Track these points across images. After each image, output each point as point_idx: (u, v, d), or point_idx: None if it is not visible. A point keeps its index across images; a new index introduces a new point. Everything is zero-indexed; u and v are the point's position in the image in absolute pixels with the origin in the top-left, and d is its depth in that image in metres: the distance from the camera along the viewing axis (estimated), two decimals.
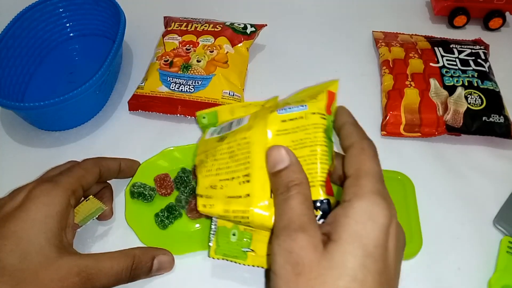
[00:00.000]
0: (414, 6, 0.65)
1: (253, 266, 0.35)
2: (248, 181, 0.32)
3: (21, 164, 0.50)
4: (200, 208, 0.34)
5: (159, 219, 0.42)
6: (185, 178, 0.44)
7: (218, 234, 0.36)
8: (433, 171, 0.47)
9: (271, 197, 0.31)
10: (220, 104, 0.50)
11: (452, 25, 0.61)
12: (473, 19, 0.60)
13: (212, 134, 0.38)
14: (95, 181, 0.39)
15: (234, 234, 0.35)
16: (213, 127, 0.39)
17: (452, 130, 0.47)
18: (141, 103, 0.52)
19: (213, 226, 0.36)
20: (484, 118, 0.47)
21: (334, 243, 0.24)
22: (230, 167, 0.33)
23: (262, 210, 0.31)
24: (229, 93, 0.51)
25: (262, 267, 0.34)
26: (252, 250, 0.34)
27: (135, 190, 0.43)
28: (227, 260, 0.36)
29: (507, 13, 0.60)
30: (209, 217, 0.40)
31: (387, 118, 0.49)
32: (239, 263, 0.35)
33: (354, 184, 0.26)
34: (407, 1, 0.66)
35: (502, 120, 0.47)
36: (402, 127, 0.48)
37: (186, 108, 0.51)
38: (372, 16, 0.64)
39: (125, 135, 0.51)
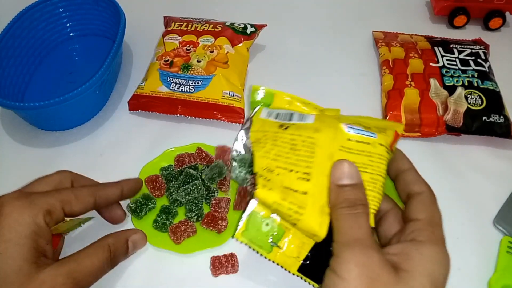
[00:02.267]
0: (414, 6, 0.65)
1: (273, 262, 0.34)
2: (307, 180, 0.31)
3: (21, 164, 0.50)
4: (260, 188, 0.32)
5: (160, 223, 0.42)
6: (171, 171, 0.45)
7: (250, 217, 0.34)
8: (433, 171, 0.47)
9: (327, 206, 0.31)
10: (221, 104, 0.50)
11: (452, 25, 0.61)
12: (473, 19, 0.60)
13: (268, 115, 0.37)
14: (86, 211, 0.37)
15: (267, 224, 0.34)
16: (267, 108, 0.38)
17: (452, 130, 0.47)
18: (141, 103, 0.52)
19: (248, 208, 0.34)
20: (484, 118, 0.47)
21: (408, 273, 0.27)
22: (290, 158, 0.33)
23: (315, 215, 0.31)
24: (229, 93, 0.51)
25: (282, 266, 0.34)
26: (279, 246, 0.34)
27: (132, 207, 0.43)
28: (249, 247, 0.35)
29: (507, 13, 0.60)
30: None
31: (387, 118, 0.49)
32: (261, 254, 0.35)
33: (427, 229, 0.30)
34: (407, 1, 0.66)
35: (502, 120, 0.47)
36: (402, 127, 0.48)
37: (186, 108, 0.51)
38: (372, 16, 0.64)
39: (125, 135, 0.51)
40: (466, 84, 0.49)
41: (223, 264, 0.40)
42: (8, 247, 0.30)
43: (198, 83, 0.51)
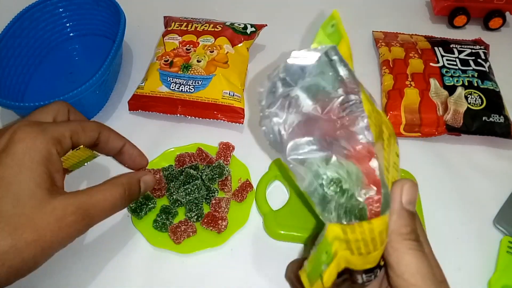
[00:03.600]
0: (414, 6, 0.65)
1: None
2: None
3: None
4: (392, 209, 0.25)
5: (160, 223, 0.42)
6: (172, 171, 0.45)
7: (314, 258, 0.26)
8: (433, 171, 0.47)
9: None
10: (221, 104, 0.50)
11: (452, 25, 0.61)
12: (473, 19, 0.60)
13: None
14: (89, 145, 0.37)
15: (326, 252, 0.25)
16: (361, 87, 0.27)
17: (452, 130, 0.47)
18: (141, 103, 0.52)
19: (319, 237, 0.26)
20: (484, 118, 0.47)
21: None
22: (385, 159, 0.26)
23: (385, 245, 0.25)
24: (229, 93, 0.51)
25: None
26: (322, 278, 0.26)
27: (132, 207, 0.43)
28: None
29: (507, 13, 0.60)
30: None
31: (387, 118, 0.49)
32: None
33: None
34: (407, 1, 0.66)
35: (502, 120, 0.47)
36: (402, 127, 0.48)
37: (186, 108, 0.51)
38: (372, 16, 0.64)
39: (125, 135, 0.51)
40: (466, 84, 0.49)
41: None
42: (21, 171, 0.30)
43: (198, 83, 0.51)
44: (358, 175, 0.25)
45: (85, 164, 0.39)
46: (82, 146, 0.37)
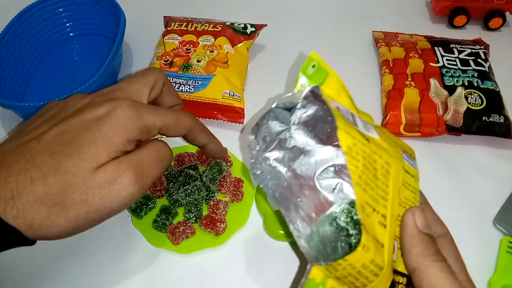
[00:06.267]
0: (414, 6, 0.65)
1: None
2: (384, 226, 0.24)
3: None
4: (363, 242, 0.22)
5: (160, 223, 0.42)
6: (172, 171, 0.45)
7: None
8: (433, 171, 0.47)
9: (394, 259, 0.25)
10: (221, 104, 0.50)
11: (452, 25, 0.61)
12: (473, 19, 0.60)
13: (334, 106, 0.26)
14: (175, 136, 0.37)
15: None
16: (328, 97, 0.27)
17: (452, 130, 0.47)
18: None
19: (302, 280, 0.26)
20: (484, 118, 0.47)
21: None
22: (374, 190, 0.24)
23: (388, 273, 0.24)
24: (229, 93, 0.51)
25: None
26: None
27: (132, 207, 0.43)
28: None
29: (507, 13, 0.59)
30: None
31: (387, 118, 0.49)
32: None
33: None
34: (407, 1, 0.66)
35: (502, 120, 0.47)
36: (402, 127, 0.48)
37: (186, 108, 0.51)
38: (372, 16, 0.64)
39: None
40: (466, 84, 0.49)
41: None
42: (101, 139, 0.30)
43: (198, 83, 0.51)
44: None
45: None
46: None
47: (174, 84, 0.51)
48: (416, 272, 0.25)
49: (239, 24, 0.57)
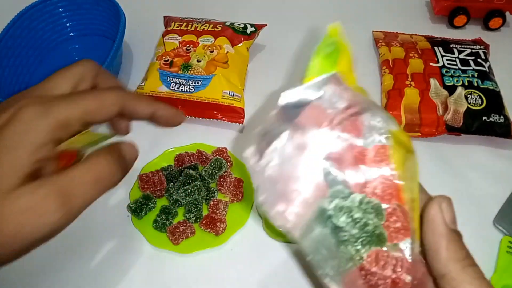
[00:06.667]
0: (414, 6, 0.65)
1: None
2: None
3: None
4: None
5: (160, 223, 0.42)
6: (171, 171, 0.45)
7: None
8: (433, 171, 0.47)
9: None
10: (221, 104, 0.50)
11: (452, 25, 0.61)
12: (473, 19, 0.60)
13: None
14: (108, 120, 0.31)
15: None
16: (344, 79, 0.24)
17: (452, 130, 0.47)
18: None
19: None
20: (484, 118, 0.47)
21: None
22: (413, 190, 0.24)
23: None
24: (229, 93, 0.51)
25: None
26: None
27: (132, 207, 0.43)
28: None
29: (507, 13, 0.59)
30: None
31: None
32: None
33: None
34: (407, 1, 0.66)
35: (502, 120, 0.47)
36: (402, 127, 0.48)
37: (186, 108, 0.51)
38: (372, 16, 0.64)
39: (125, 135, 0.51)
40: (466, 84, 0.49)
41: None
42: (8, 154, 0.26)
43: (198, 83, 0.51)
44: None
45: (98, 144, 0.33)
46: (89, 130, 0.32)
47: (174, 84, 0.51)
48: (446, 279, 0.23)
49: (239, 24, 0.57)
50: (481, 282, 0.23)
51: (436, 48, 0.54)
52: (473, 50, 0.53)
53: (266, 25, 0.58)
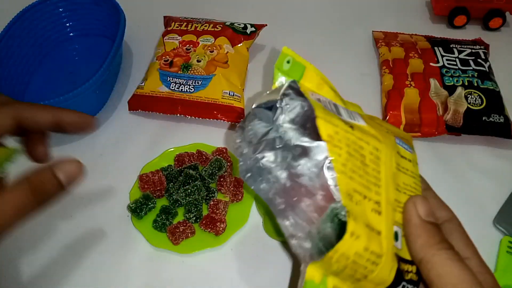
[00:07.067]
0: (414, 6, 0.65)
1: None
2: (379, 213, 0.24)
3: (20, 164, 0.49)
4: (350, 230, 0.22)
5: (160, 223, 0.42)
6: (171, 171, 0.45)
7: None
8: (433, 171, 0.47)
9: (396, 245, 0.24)
10: (221, 104, 0.50)
11: (452, 25, 0.61)
12: (473, 19, 0.60)
13: (313, 97, 0.26)
14: (7, 134, 0.30)
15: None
16: (308, 90, 0.26)
17: (452, 130, 0.47)
18: (141, 103, 0.52)
19: (300, 283, 0.24)
20: (484, 118, 0.47)
21: None
22: (362, 177, 0.24)
23: (389, 261, 0.24)
24: (229, 93, 0.51)
25: None
26: None
27: (132, 207, 0.43)
28: None
29: (507, 13, 0.59)
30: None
31: (387, 118, 0.49)
32: None
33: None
34: (407, 1, 0.66)
35: (502, 120, 0.47)
36: (402, 127, 0.48)
37: (186, 108, 0.51)
38: (372, 16, 0.64)
39: (125, 135, 0.51)
40: (466, 84, 0.49)
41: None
42: None
43: (198, 83, 0.51)
44: None
45: (7, 164, 0.31)
46: None
47: (174, 84, 0.51)
48: (422, 263, 0.24)
49: (239, 24, 0.57)
50: (453, 262, 0.24)
51: (436, 48, 0.54)
52: (473, 50, 0.53)
53: (266, 25, 0.58)
